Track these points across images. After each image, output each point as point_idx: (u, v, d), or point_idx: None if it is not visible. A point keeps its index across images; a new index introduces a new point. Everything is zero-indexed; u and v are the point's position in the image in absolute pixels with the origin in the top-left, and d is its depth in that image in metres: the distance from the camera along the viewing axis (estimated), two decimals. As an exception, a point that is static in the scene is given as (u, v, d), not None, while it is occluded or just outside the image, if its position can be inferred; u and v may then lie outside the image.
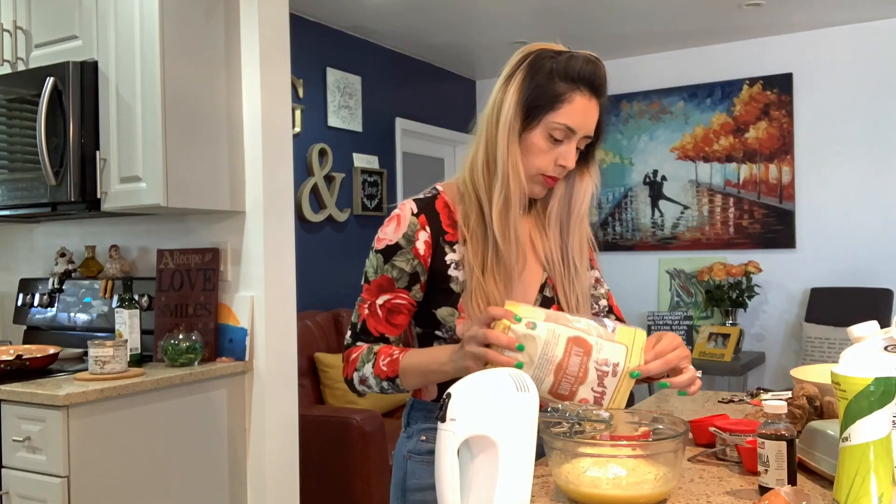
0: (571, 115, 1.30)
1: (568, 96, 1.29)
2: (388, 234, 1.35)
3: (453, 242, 1.35)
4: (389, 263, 1.34)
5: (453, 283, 1.34)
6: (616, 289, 1.56)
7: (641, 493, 1.09)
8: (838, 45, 4.77)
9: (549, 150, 1.32)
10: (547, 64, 1.31)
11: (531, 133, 1.31)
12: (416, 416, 1.42)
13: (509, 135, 1.30)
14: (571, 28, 4.69)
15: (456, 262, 1.35)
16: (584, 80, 1.30)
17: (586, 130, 1.33)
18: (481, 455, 0.96)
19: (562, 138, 1.31)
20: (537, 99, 1.30)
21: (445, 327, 1.35)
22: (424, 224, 1.34)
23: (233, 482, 2.68)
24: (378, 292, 1.35)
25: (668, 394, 2.08)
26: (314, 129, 4.44)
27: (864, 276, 4.65)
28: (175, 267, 2.79)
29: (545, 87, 1.30)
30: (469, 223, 1.34)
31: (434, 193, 1.39)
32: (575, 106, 1.30)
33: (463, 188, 1.37)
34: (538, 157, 1.32)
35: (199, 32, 2.62)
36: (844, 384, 0.96)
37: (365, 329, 1.37)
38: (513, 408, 0.97)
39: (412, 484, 1.39)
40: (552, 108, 1.29)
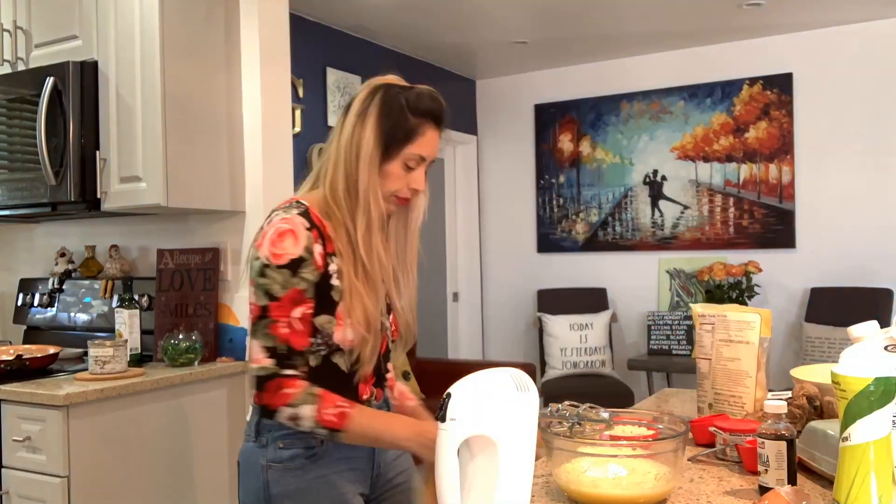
0: (424, 146, 1.44)
1: (421, 130, 1.43)
2: (289, 249, 1.35)
3: (332, 254, 1.41)
4: (297, 276, 1.35)
5: (334, 291, 1.39)
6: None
7: (641, 493, 1.09)
8: (838, 45, 4.77)
9: (403, 176, 1.44)
10: (398, 100, 1.42)
11: (389, 164, 1.42)
12: (269, 424, 1.40)
13: (370, 167, 1.40)
14: (571, 28, 4.69)
15: (336, 273, 1.40)
16: (431, 115, 1.45)
17: (433, 157, 1.47)
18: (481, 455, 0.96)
19: (414, 166, 1.44)
20: (395, 134, 1.41)
21: (322, 334, 1.38)
22: (317, 237, 1.38)
23: (233, 482, 2.68)
24: (291, 306, 1.34)
25: (669, 393, 2.08)
26: (314, 129, 4.44)
27: (864, 276, 4.65)
28: (175, 267, 2.79)
29: (401, 123, 1.42)
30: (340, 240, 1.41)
31: (304, 208, 1.42)
32: (427, 138, 1.44)
33: (327, 208, 1.43)
34: (394, 182, 1.44)
35: (199, 32, 2.62)
36: (844, 384, 0.96)
37: (292, 350, 1.34)
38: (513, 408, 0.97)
39: (277, 491, 1.40)
40: (408, 141, 1.42)
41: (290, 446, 1.40)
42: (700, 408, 1.62)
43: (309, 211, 1.41)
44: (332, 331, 1.38)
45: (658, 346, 4.94)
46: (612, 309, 5.30)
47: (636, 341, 5.33)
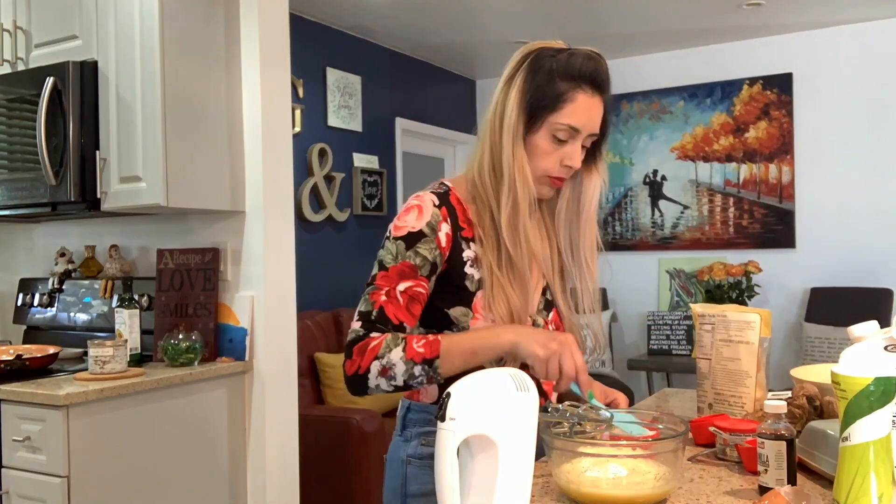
0: (574, 115, 1.28)
1: (570, 95, 1.27)
2: (410, 222, 1.29)
3: (469, 239, 1.32)
4: (412, 250, 1.27)
5: (468, 280, 1.30)
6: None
7: (641, 493, 1.09)
8: (838, 45, 4.77)
9: (553, 151, 1.30)
10: (547, 63, 1.28)
11: (535, 135, 1.29)
12: (414, 419, 1.37)
13: (514, 138, 1.28)
14: (571, 28, 4.69)
15: (472, 260, 1.31)
16: (585, 78, 1.28)
17: (591, 129, 1.31)
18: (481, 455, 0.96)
19: (566, 138, 1.29)
20: (539, 100, 1.28)
21: (458, 327, 1.30)
22: (446, 216, 1.30)
23: (233, 482, 2.68)
24: (399, 279, 1.26)
25: (669, 394, 2.08)
26: (314, 129, 4.44)
27: (864, 276, 4.65)
28: (175, 267, 2.79)
29: (546, 88, 1.27)
30: (483, 224, 1.32)
31: (446, 189, 1.35)
32: (577, 105, 1.28)
33: (473, 190, 1.34)
34: (543, 158, 1.30)
35: (199, 32, 2.62)
36: (844, 384, 0.96)
37: (382, 316, 1.25)
38: (513, 407, 0.97)
39: (414, 489, 1.34)
40: (554, 109, 1.27)
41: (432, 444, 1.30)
42: (700, 408, 1.62)
43: (450, 192, 1.33)
44: (467, 324, 1.29)
45: (658, 346, 4.94)
46: (612, 309, 5.30)
47: (636, 341, 5.33)
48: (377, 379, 1.22)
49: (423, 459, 1.34)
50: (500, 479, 0.96)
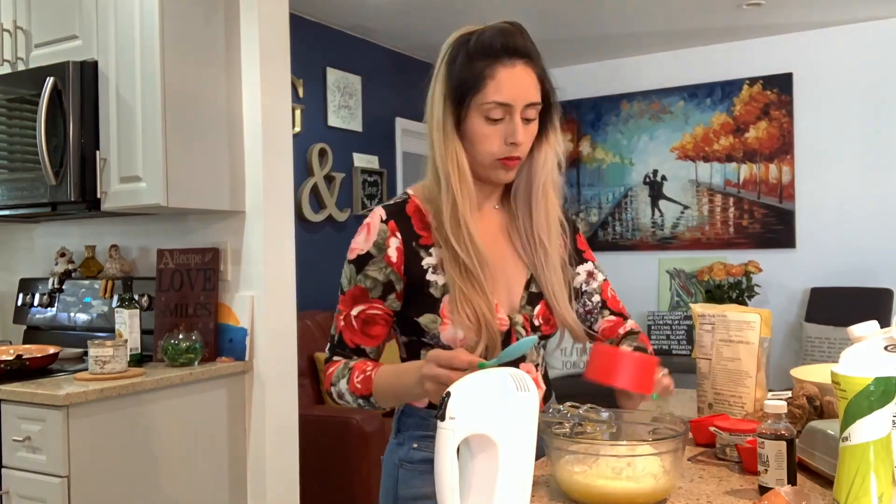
0: (500, 90, 1.22)
1: (489, 72, 1.23)
2: (360, 244, 1.31)
3: (429, 246, 1.30)
4: (362, 274, 1.30)
5: (433, 287, 1.29)
6: (616, 289, 1.55)
7: (641, 493, 1.09)
8: (838, 45, 4.77)
9: (492, 132, 1.24)
10: (462, 49, 1.26)
11: (467, 122, 1.25)
12: (408, 422, 1.37)
13: (444, 133, 1.25)
14: (571, 28, 4.69)
15: (433, 266, 1.29)
16: (500, 51, 1.23)
17: (524, 99, 1.24)
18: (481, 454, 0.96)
19: (500, 116, 1.24)
20: (460, 86, 1.24)
21: (430, 335, 1.30)
22: (395, 230, 1.29)
23: (233, 482, 2.68)
24: (352, 303, 1.31)
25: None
26: (314, 129, 4.44)
27: (864, 276, 4.65)
28: (175, 267, 2.79)
29: (465, 72, 1.24)
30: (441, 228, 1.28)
31: (405, 198, 1.34)
32: (500, 79, 1.22)
33: (429, 193, 1.32)
34: (484, 143, 1.25)
35: (199, 32, 2.62)
36: (844, 384, 0.96)
37: (341, 342, 1.33)
38: (513, 407, 0.96)
39: (404, 493, 1.35)
40: (478, 90, 1.23)
41: (424, 448, 1.33)
42: (700, 408, 1.62)
43: (409, 201, 1.33)
44: (437, 331, 1.28)
45: (658, 346, 4.94)
46: (612, 309, 5.30)
47: (636, 341, 5.32)
48: (338, 399, 1.33)
49: (414, 463, 1.35)
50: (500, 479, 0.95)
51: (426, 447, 1.31)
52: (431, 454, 1.20)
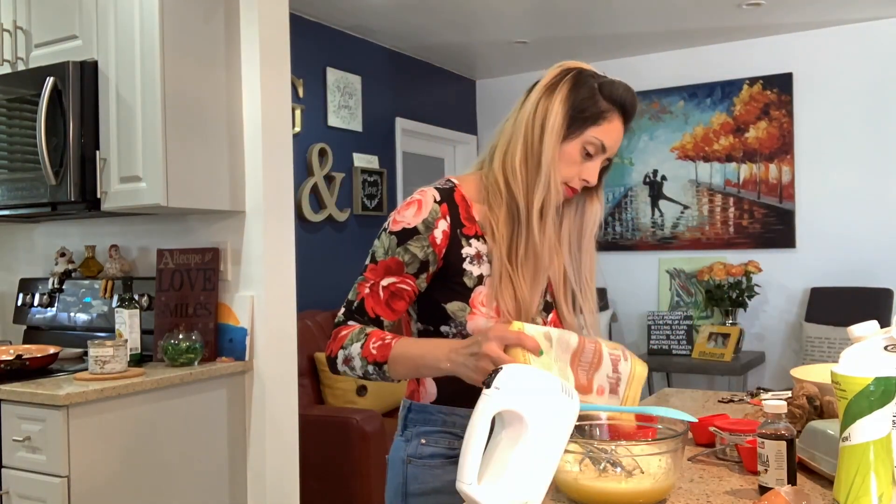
0: (608, 134, 1.35)
1: (609, 115, 1.34)
2: (407, 217, 1.32)
3: (470, 236, 1.34)
4: (403, 247, 1.31)
5: (467, 277, 1.32)
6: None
7: (641, 493, 1.09)
8: (838, 45, 4.77)
9: (579, 162, 1.35)
10: (590, 81, 1.35)
11: (569, 143, 1.34)
12: (415, 418, 1.39)
13: (556, 141, 1.32)
14: (571, 28, 4.69)
15: (471, 257, 1.33)
16: (623, 105, 1.35)
17: (612, 152, 1.38)
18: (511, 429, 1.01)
19: (593, 153, 1.35)
20: (582, 112, 1.33)
21: (455, 322, 1.32)
22: (446, 213, 1.32)
23: (233, 482, 2.68)
24: (384, 273, 1.31)
25: (669, 394, 2.08)
26: (314, 129, 4.44)
27: (864, 276, 4.65)
28: (175, 267, 2.79)
29: (589, 102, 1.33)
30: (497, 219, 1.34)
31: (451, 185, 1.37)
32: (613, 126, 1.35)
33: (489, 185, 1.36)
34: (568, 167, 1.35)
35: (199, 32, 2.62)
36: (844, 384, 0.96)
37: (361, 308, 1.32)
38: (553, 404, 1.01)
39: (414, 489, 1.36)
40: (594, 123, 1.33)
41: (432, 443, 1.36)
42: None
43: (455, 189, 1.36)
44: (464, 319, 1.31)
45: (658, 345, 4.94)
46: (612, 309, 5.30)
47: (636, 341, 5.33)
48: (342, 366, 1.30)
49: (423, 459, 1.36)
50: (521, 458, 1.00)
51: (435, 442, 1.35)
52: (440, 449, 1.35)
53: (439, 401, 1.37)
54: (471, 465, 0.97)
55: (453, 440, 1.34)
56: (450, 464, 1.33)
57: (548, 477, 1.01)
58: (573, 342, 1.22)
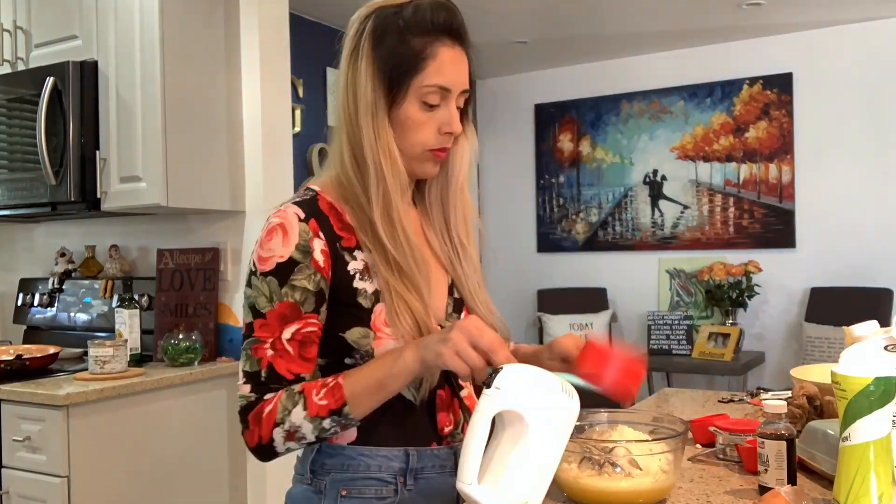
0: (441, 72, 1.09)
1: (430, 51, 1.09)
2: (276, 250, 1.07)
3: (352, 248, 1.11)
4: (287, 286, 1.06)
5: (361, 296, 1.10)
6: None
7: (641, 493, 1.09)
8: (838, 45, 4.77)
9: (427, 119, 1.11)
10: (392, 22, 1.09)
11: (401, 107, 1.10)
12: (328, 464, 1.14)
13: (374, 117, 1.09)
14: (571, 28, 4.69)
15: (360, 272, 1.11)
16: (441, 29, 1.10)
17: (461, 85, 1.12)
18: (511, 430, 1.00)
19: (438, 102, 1.11)
20: (396, 65, 1.08)
21: (360, 352, 1.10)
22: (317, 230, 1.09)
23: (233, 482, 2.68)
24: (281, 324, 1.07)
25: (669, 394, 2.08)
26: (314, 129, 4.44)
27: (864, 276, 4.65)
28: (175, 267, 2.79)
29: (400, 49, 1.08)
30: (364, 227, 1.12)
31: (312, 194, 1.13)
32: (441, 60, 1.09)
33: (342, 189, 1.14)
34: (418, 131, 1.11)
35: (199, 32, 2.62)
36: (844, 384, 0.96)
37: (274, 375, 1.07)
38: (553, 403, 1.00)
39: None
40: (417, 70, 1.08)
41: (356, 494, 1.12)
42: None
43: (318, 197, 1.13)
44: (370, 347, 1.09)
45: (658, 345, 4.94)
46: (612, 309, 5.30)
47: (636, 341, 5.33)
48: (286, 444, 1.07)
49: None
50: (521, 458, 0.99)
51: (359, 493, 1.12)
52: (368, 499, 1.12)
53: (360, 441, 1.13)
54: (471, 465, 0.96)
55: (382, 487, 1.12)
56: None
57: (548, 477, 1.01)
58: None
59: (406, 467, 1.14)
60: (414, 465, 1.14)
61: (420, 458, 1.14)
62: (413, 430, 1.15)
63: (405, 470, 1.14)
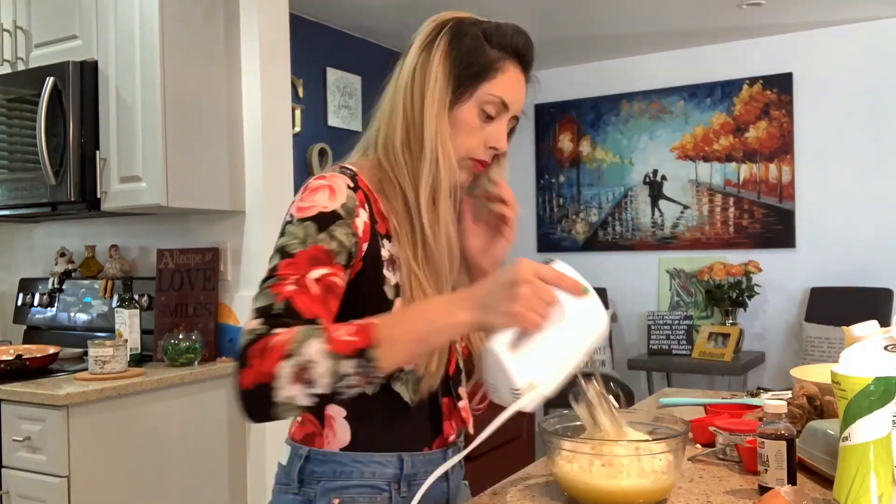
0: (506, 88, 1.12)
1: (502, 65, 1.12)
2: (321, 202, 1.03)
3: (383, 235, 1.09)
4: (326, 232, 1.01)
5: (387, 285, 1.08)
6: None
7: (641, 493, 1.09)
8: (838, 45, 4.77)
9: (479, 128, 1.12)
10: (473, 29, 1.12)
11: (461, 107, 1.10)
12: (318, 472, 1.09)
13: (439, 109, 1.09)
14: (571, 28, 4.69)
15: (387, 261, 1.09)
16: (515, 51, 1.14)
17: (517, 109, 1.15)
18: None
19: (494, 114, 1.12)
20: (469, 66, 1.10)
21: None
22: (363, 202, 1.07)
23: (233, 482, 2.68)
24: (310, 265, 0.98)
25: (669, 393, 2.08)
26: (314, 129, 4.44)
27: (864, 276, 4.65)
28: (175, 267, 2.80)
29: (476, 53, 1.11)
30: (397, 214, 1.10)
31: (352, 173, 1.11)
32: (509, 77, 1.12)
33: (381, 173, 1.13)
34: (468, 136, 1.11)
35: (199, 32, 2.62)
36: (844, 384, 0.96)
37: (291, 309, 0.94)
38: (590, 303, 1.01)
39: None
40: (486, 78, 1.11)
41: (350, 502, 1.08)
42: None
43: (357, 176, 1.10)
44: None
45: (658, 345, 4.94)
46: (612, 309, 5.30)
47: (636, 341, 5.33)
48: (290, 388, 0.88)
49: None
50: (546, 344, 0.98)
51: (351, 500, 1.08)
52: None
53: (353, 446, 1.10)
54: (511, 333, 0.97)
55: (375, 495, 1.09)
56: None
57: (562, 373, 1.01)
58: None
59: (400, 473, 1.11)
60: (408, 471, 1.12)
61: (413, 464, 1.12)
62: (406, 434, 1.13)
63: (399, 476, 1.11)
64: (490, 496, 1.17)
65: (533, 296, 0.93)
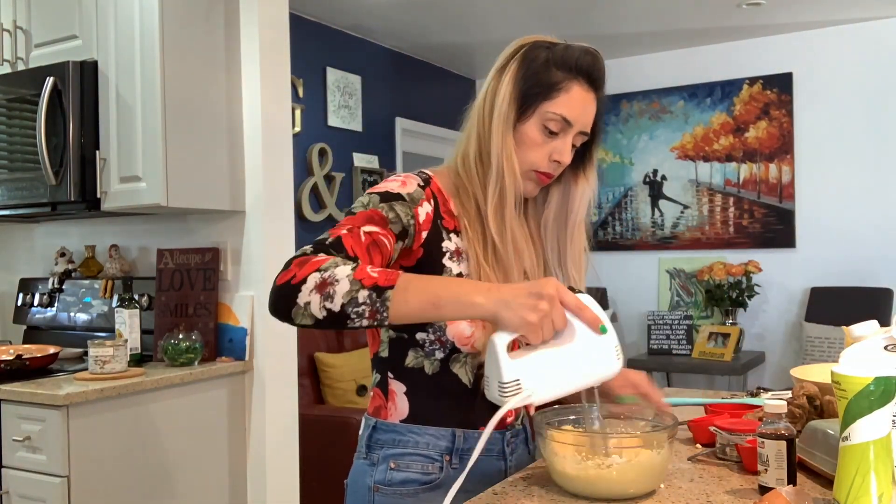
0: (568, 106, 1.22)
1: (565, 85, 1.22)
2: (392, 186, 1.21)
3: (450, 230, 1.23)
4: (387, 204, 1.17)
5: (447, 274, 1.21)
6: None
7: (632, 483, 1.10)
8: (838, 45, 4.77)
9: (543, 143, 1.23)
10: (543, 53, 1.24)
11: (525, 124, 1.23)
12: (381, 440, 1.25)
13: (504, 126, 1.22)
14: (571, 28, 4.69)
15: (451, 252, 1.22)
16: (581, 71, 1.23)
17: (583, 125, 1.25)
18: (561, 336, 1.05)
19: (557, 130, 1.23)
20: (533, 87, 1.22)
21: (433, 327, 1.21)
22: (430, 198, 1.22)
23: (233, 482, 2.68)
24: (365, 221, 1.14)
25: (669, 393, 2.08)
26: (314, 129, 4.44)
27: (864, 276, 4.65)
28: (175, 267, 2.79)
29: (541, 75, 1.22)
30: (469, 215, 1.24)
31: (427, 176, 1.27)
32: (572, 96, 1.22)
33: (457, 180, 1.27)
34: (532, 150, 1.23)
35: (199, 32, 2.62)
36: (844, 383, 0.96)
37: (339, 244, 1.10)
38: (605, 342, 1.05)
39: None
40: (548, 97, 1.22)
41: (403, 468, 1.22)
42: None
43: (431, 180, 1.26)
44: (444, 323, 1.19)
45: (658, 345, 4.94)
46: (613, 309, 5.30)
47: (636, 341, 5.33)
48: (311, 294, 1.02)
49: (394, 486, 1.23)
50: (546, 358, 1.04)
51: (406, 466, 1.22)
52: (414, 474, 1.22)
53: (411, 419, 1.24)
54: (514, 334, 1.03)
55: (428, 464, 1.22)
56: (424, 491, 1.22)
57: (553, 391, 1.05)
58: None
59: (452, 447, 1.23)
60: (460, 446, 1.23)
61: (467, 440, 1.23)
62: (462, 412, 1.23)
63: (451, 449, 1.23)
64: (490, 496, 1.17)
65: (549, 314, 1.02)
